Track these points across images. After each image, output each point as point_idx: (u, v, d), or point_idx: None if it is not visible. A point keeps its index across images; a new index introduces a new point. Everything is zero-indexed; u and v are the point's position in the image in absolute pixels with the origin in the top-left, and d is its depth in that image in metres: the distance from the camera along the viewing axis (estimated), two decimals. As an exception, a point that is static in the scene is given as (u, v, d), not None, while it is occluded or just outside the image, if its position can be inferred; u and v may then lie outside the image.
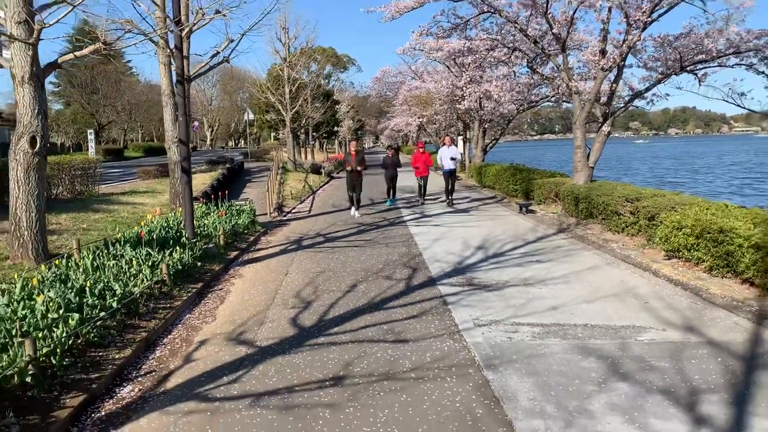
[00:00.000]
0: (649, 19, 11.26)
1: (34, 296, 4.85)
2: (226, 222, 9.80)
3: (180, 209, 10.30)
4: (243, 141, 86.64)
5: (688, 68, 12.32)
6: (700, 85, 12.87)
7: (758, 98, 19.52)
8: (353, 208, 13.08)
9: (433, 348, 4.76)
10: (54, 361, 4.08)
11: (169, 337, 5.31)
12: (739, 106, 11.94)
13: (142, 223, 8.44)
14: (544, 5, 11.86)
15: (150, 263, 6.56)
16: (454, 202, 15.16)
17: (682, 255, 7.54)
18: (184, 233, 8.33)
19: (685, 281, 6.73)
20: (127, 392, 4.13)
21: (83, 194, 12.46)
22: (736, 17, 11.46)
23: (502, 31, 14.96)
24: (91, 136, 39.09)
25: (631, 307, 5.80)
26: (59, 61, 6.63)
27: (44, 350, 4.04)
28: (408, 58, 29.79)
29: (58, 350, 4.12)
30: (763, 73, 12.23)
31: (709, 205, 7.90)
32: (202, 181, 16.85)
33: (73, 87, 47.61)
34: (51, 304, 4.70)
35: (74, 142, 54.76)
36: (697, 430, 3.35)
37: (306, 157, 37.19)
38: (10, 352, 3.86)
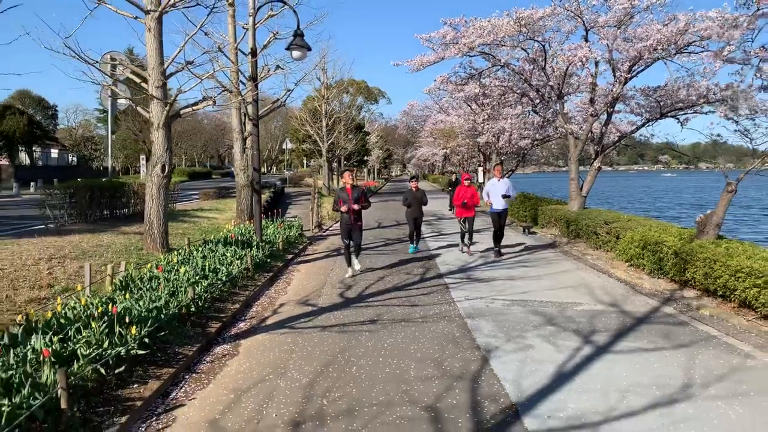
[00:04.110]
0: (629, 75, 13.70)
1: (176, 268, 7.50)
2: (282, 232, 12.44)
3: (247, 222, 13.02)
4: (275, 168, 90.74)
5: (669, 114, 14.69)
6: (682, 128, 15.26)
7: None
8: (353, 262, 9.58)
9: (435, 309, 7.23)
10: (200, 304, 6.67)
11: (258, 301, 7.90)
12: (674, 149, 14.24)
13: (224, 231, 11.14)
14: (542, 62, 14.43)
15: (237, 256, 9.19)
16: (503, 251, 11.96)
17: (634, 263, 9.86)
18: (253, 238, 10.97)
19: (629, 280, 9.06)
20: (243, 325, 6.70)
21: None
22: (709, 72, 13.88)
23: (514, 79, 17.56)
24: (142, 161, 42.77)
25: (579, 293, 8.17)
26: (181, 113, 9.44)
27: (192, 297, 6.63)
28: (434, 95, 32.67)
29: (203, 296, 6.73)
30: (732, 119, 14.51)
31: (657, 226, 10.21)
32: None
33: (126, 116, 51.93)
34: (188, 273, 7.33)
35: (123, 166, 59.13)
36: (583, 344, 5.73)
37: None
38: (179, 296, 6.45)
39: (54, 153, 50.68)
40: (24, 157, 46.00)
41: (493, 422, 4.01)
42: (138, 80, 9.28)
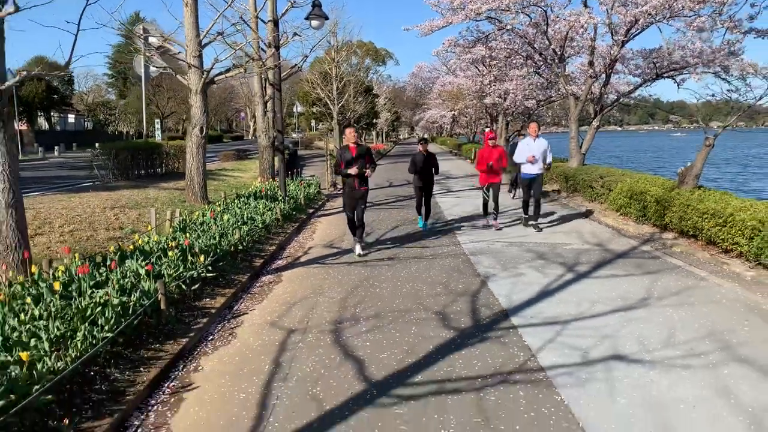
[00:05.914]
0: (626, 38, 14.48)
1: (220, 216, 8.70)
2: (303, 190, 13.61)
3: (270, 180, 14.18)
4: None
5: (664, 75, 15.50)
6: (678, 88, 16.11)
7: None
8: (355, 242, 8.30)
9: (443, 249, 8.43)
10: (244, 244, 7.89)
11: (290, 245, 9.13)
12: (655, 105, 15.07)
13: (253, 187, 12.32)
14: (545, 27, 15.20)
15: (268, 208, 10.38)
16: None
17: (623, 211, 10.96)
18: (279, 194, 12.15)
19: (616, 225, 10.18)
20: (281, 262, 7.94)
21: (190, 170, 16.54)
22: (705, 36, 14.62)
23: (519, 42, 18.30)
24: (158, 125, 43.75)
25: (570, 237, 9.31)
26: (215, 80, 10.48)
27: (238, 237, 7.85)
28: (442, 57, 33.25)
29: (246, 238, 7.95)
30: (725, 80, 15.31)
31: (645, 178, 11.25)
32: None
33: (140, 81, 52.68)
34: (231, 219, 8.54)
35: (136, 130, 60.18)
36: (567, 272, 6.91)
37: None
38: (229, 237, 7.66)
39: (71, 118, 51.83)
40: (42, 123, 47.18)
41: (487, 321, 5.23)
42: (174, 50, 10.29)
